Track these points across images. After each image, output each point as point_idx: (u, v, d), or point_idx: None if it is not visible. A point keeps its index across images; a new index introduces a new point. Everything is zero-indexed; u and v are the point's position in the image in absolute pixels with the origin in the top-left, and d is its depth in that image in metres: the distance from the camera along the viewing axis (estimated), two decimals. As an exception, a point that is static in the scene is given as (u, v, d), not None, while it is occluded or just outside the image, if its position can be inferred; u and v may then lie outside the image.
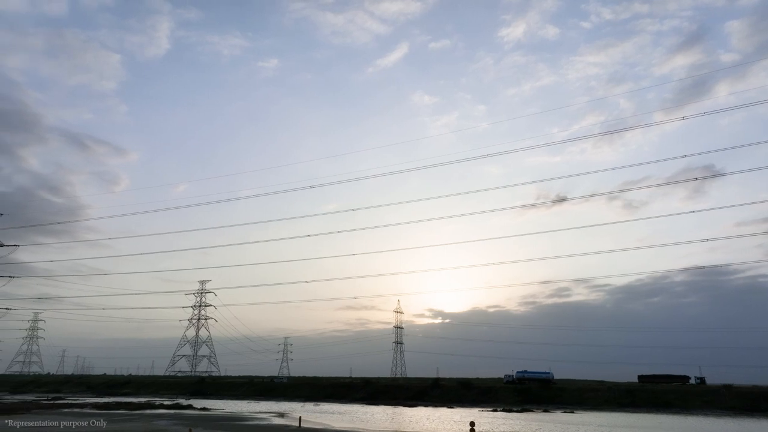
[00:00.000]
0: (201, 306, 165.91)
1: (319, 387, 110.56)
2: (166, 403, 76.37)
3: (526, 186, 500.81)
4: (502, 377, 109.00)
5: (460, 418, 59.57)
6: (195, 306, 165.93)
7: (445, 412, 70.19)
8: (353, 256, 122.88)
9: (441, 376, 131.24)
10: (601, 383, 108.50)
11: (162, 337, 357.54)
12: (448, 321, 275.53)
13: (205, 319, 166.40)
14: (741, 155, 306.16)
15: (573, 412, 70.56)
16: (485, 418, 60.27)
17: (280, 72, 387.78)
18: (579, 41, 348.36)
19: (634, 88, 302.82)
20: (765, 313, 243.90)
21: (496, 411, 72.87)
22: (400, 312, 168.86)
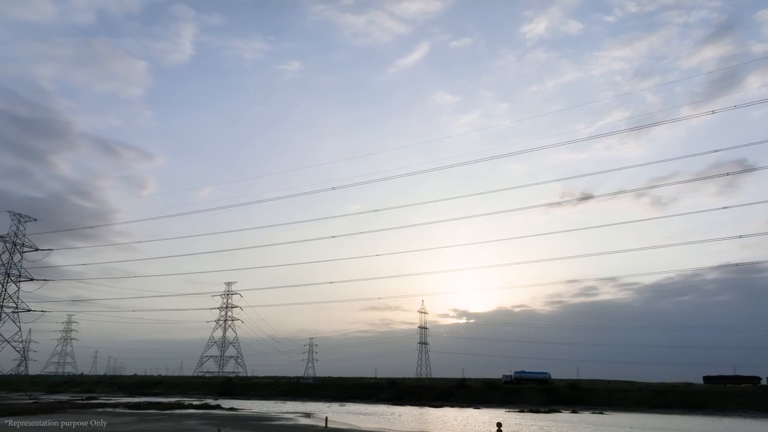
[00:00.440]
0: (227, 307, 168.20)
1: (345, 387, 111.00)
2: (194, 403, 77.66)
3: (551, 184, 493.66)
4: (501, 377, 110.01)
5: (488, 419, 59.09)
6: (221, 307, 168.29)
7: (471, 412, 69.72)
8: (377, 257, 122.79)
9: (466, 377, 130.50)
10: (631, 384, 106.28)
11: (190, 338, 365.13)
12: (472, 321, 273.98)
13: (231, 321, 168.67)
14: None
15: (602, 413, 69.30)
16: (513, 419, 59.67)
17: (302, 74, 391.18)
18: (603, 36, 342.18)
19: (661, 82, 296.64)
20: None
21: (523, 412, 72.07)
22: (425, 312, 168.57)
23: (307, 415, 60.44)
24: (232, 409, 67.35)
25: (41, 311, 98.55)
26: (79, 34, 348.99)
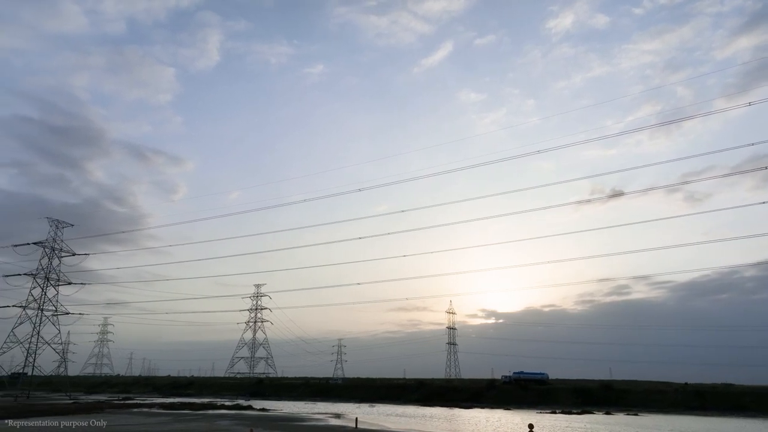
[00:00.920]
0: (257, 309, 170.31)
1: (374, 388, 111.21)
2: (227, 403, 78.94)
3: (580, 181, 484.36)
4: (500, 377, 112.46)
5: (519, 420, 58.39)
6: (251, 309, 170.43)
7: (502, 414, 69.00)
8: (404, 258, 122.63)
9: (496, 377, 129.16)
10: (667, 384, 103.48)
11: (221, 339, 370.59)
12: (501, 321, 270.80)
13: (261, 322, 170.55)
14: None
15: (637, 415, 67.72)
16: (545, 420, 58.78)
17: (326, 77, 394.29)
18: (632, 28, 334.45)
19: (693, 74, 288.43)
20: None
21: (555, 413, 70.97)
22: (453, 313, 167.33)
23: (337, 416, 60.76)
24: (263, 409, 68.21)
25: (79, 314, 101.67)
26: (111, 43, 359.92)
